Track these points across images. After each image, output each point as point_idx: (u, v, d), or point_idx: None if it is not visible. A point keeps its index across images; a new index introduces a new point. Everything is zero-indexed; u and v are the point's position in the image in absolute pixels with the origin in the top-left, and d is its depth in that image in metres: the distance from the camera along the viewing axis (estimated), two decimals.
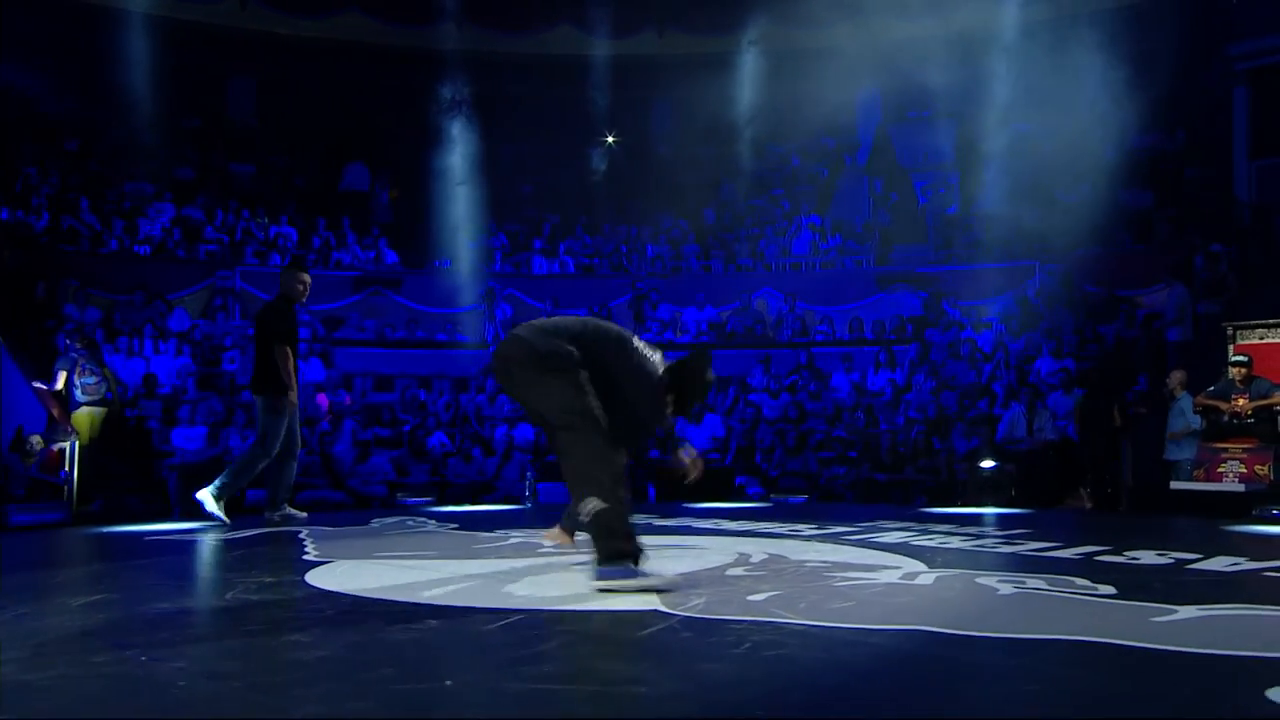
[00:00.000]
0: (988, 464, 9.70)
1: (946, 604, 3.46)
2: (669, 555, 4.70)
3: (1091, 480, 9.96)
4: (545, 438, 10.77)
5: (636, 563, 3.61)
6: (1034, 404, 10.82)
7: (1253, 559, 4.39)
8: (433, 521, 6.57)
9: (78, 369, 10.32)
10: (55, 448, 9.48)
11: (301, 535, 5.70)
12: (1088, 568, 4.20)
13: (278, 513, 7.29)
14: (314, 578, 3.99)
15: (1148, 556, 4.48)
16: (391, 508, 9.73)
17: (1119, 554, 4.55)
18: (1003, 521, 6.62)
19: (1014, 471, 10.44)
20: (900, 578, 3.94)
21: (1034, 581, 3.77)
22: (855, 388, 12.74)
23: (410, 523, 6.55)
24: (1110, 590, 3.59)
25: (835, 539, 5.34)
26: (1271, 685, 2.26)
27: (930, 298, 14.46)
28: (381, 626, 3.11)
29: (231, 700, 2.31)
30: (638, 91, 18.91)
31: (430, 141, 16.73)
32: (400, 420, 11.85)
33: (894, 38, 16.73)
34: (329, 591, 3.70)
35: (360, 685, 2.39)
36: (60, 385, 10.24)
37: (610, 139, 18.88)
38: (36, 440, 9.81)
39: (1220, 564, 4.29)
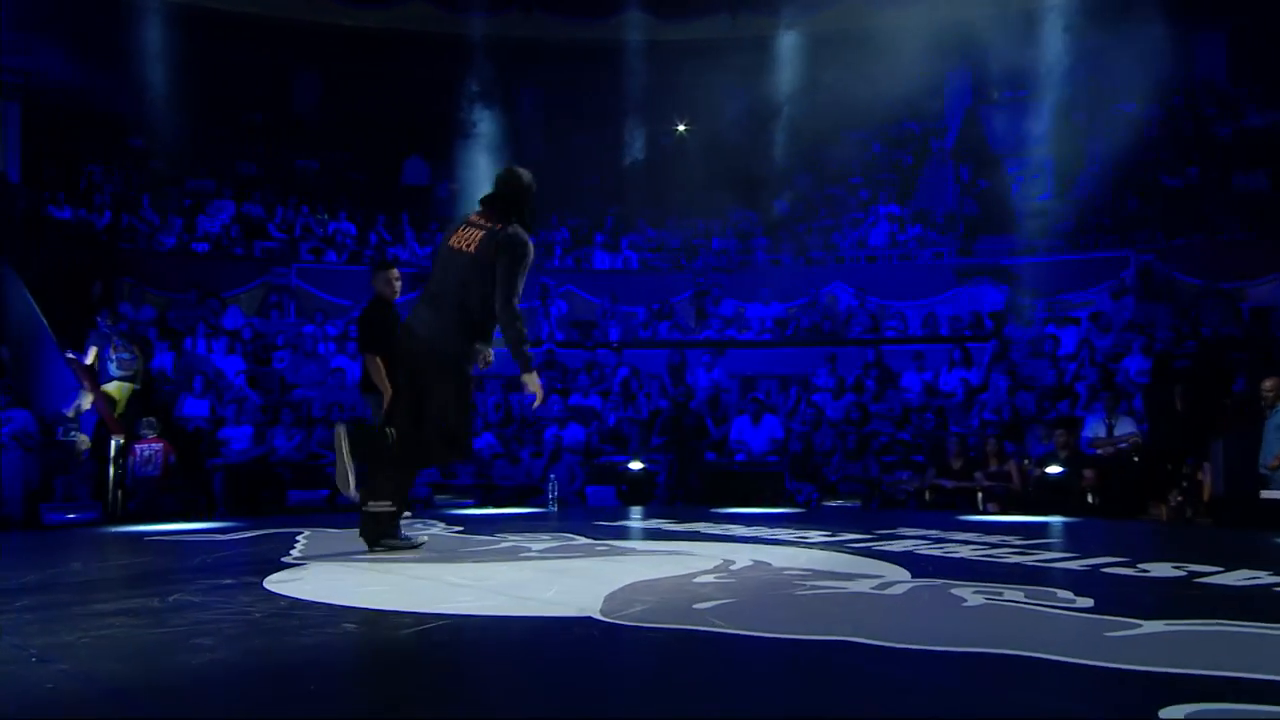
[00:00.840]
0: (1055, 470, 9.41)
1: (893, 614, 3.41)
2: (648, 561, 4.71)
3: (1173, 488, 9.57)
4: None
5: None
6: (1115, 406, 10.46)
7: (1275, 573, 4.19)
8: (440, 524, 6.69)
9: (112, 345, 10.89)
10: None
11: (301, 536, 5.87)
12: (1084, 580, 4.08)
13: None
14: (272, 581, 4.11)
15: (1161, 569, 4.31)
16: (430, 508, 9.95)
17: (1132, 566, 4.39)
18: (1043, 531, 6.43)
19: (1092, 478, 10.11)
20: (873, 587, 3.88)
21: (1012, 594, 3.67)
22: (926, 388, 12.50)
23: (419, 525, 6.68)
24: (1088, 603, 3.48)
25: (839, 546, 5.28)
26: (1170, 704, 2.18)
27: (1014, 291, 14.10)
28: (295, 629, 3.19)
29: (96, 702, 2.41)
30: (710, 77, 18.87)
31: (492, 133, 17.02)
32: None
33: (985, 12, 16.38)
34: (273, 594, 3.80)
35: (223, 690, 2.48)
36: (90, 359, 10.78)
37: (681, 127, 18.91)
38: (84, 440, 10.27)
39: (1235, 578, 4.10)
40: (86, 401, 10.03)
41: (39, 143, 15.66)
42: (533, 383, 5.08)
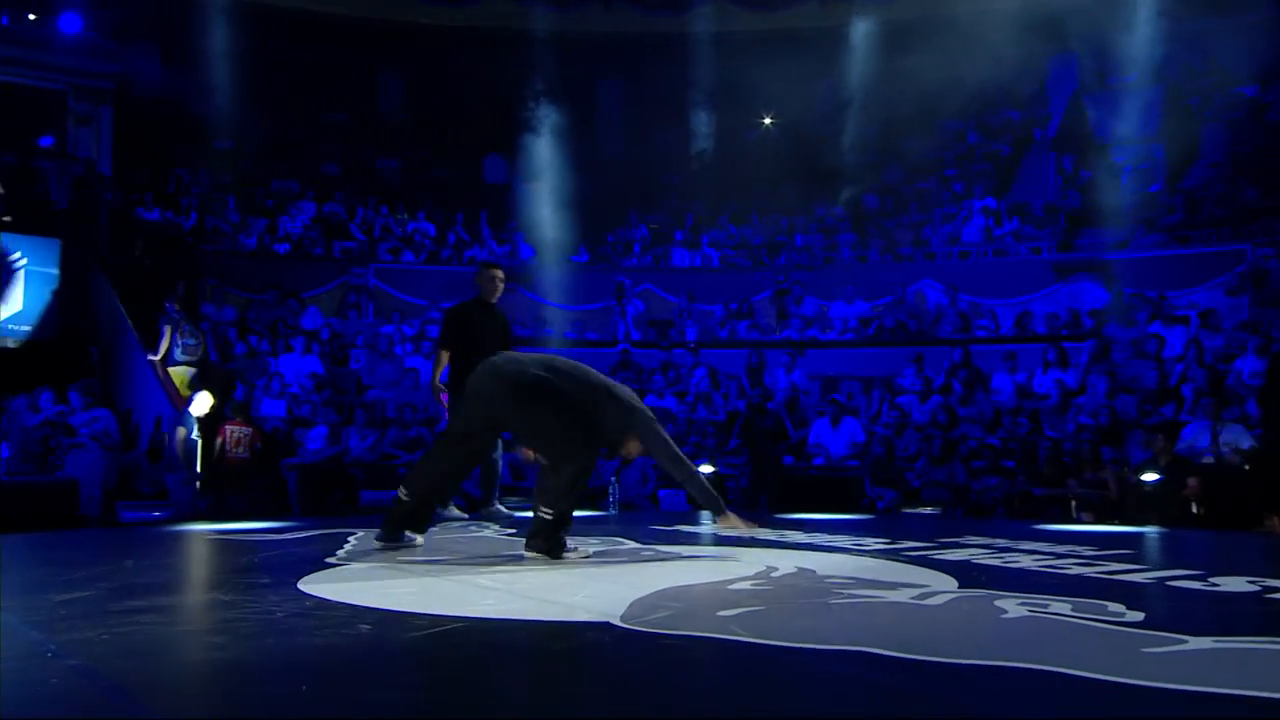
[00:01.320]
0: (1151, 477, 9.07)
1: (923, 625, 3.33)
2: (689, 567, 4.68)
3: None
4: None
5: None
6: (1219, 411, 10.04)
7: None
8: (494, 527, 6.75)
9: (179, 330, 11.37)
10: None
11: (353, 536, 5.99)
12: (1143, 593, 3.93)
13: (445, 511, 7.52)
14: (306, 581, 4.19)
15: (1235, 584, 4.11)
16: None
17: (1203, 580, 4.20)
18: (1124, 542, 6.19)
19: (1196, 487, 9.72)
20: (913, 597, 3.79)
21: (1059, 606, 3.55)
22: (1019, 390, 12.18)
23: (472, 527, 6.76)
24: (1137, 617, 3.34)
25: (893, 554, 5.16)
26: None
27: (1117, 288, 13.63)
28: (311, 630, 3.25)
29: (90, 698, 2.49)
30: (795, 67, 18.68)
31: (571, 129, 17.14)
32: None
33: None
34: (302, 594, 3.86)
35: (217, 688, 2.54)
36: (165, 344, 11.27)
37: (767, 120, 18.78)
38: (183, 432, 10.61)
39: None
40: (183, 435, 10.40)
41: (130, 145, 16.31)
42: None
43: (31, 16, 16.80)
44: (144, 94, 16.33)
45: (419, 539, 5.30)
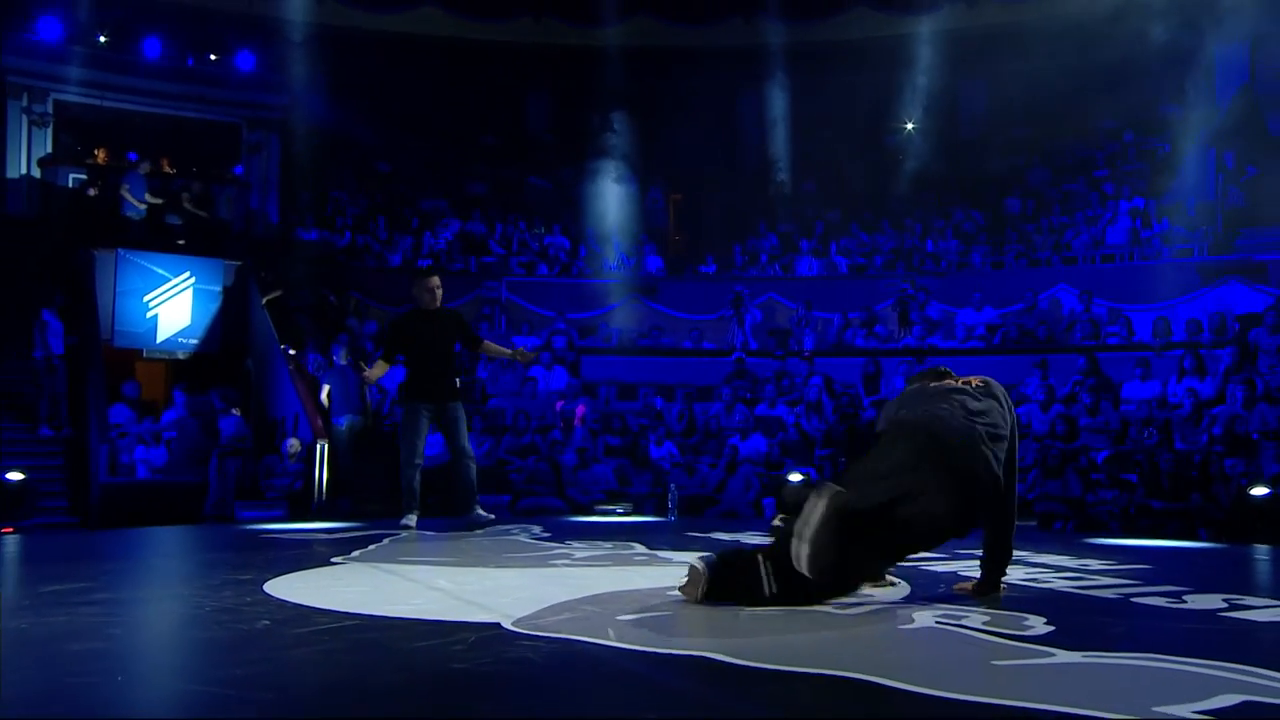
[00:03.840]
0: (1260, 491, 8.35)
1: (795, 633, 3.22)
2: (660, 572, 4.65)
3: None
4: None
5: None
6: None
7: None
8: (528, 531, 6.82)
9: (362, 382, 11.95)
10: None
11: (388, 538, 6.22)
12: (1090, 608, 3.69)
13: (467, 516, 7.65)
14: (284, 579, 4.36)
15: (1209, 601, 3.79)
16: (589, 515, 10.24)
17: (1180, 599, 3.88)
18: (1171, 558, 5.74)
19: None
20: (835, 605, 3.67)
21: (976, 618, 3.38)
22: (1153, 400, 11.42)
23: (514, 530, 6.88)
24: (1044, 631, 3.16)
25: None
26: None
27: (1272, 291, 12.59)
28: (219, 623, 3.39)
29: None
30: (943, 72, 18.14)
31: (711, 144, 17.21)
32: (630, 429, 12.31)
33: None
34: (263, 593, 3.93)
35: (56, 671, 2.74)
36: (324, 398, 11.80)
37: (909, 126, 18.31)
38: (296, 445, 11.29)
39: (1269, 614, 3.56)
40: (296, 447, 11.00)
41: (293, 171, 17.41)
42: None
43: (213, 57, 18.21)
44: (307, 122, 17.42)
45: None
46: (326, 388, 11.77)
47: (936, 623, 3.32)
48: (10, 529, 8.73)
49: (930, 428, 3.70)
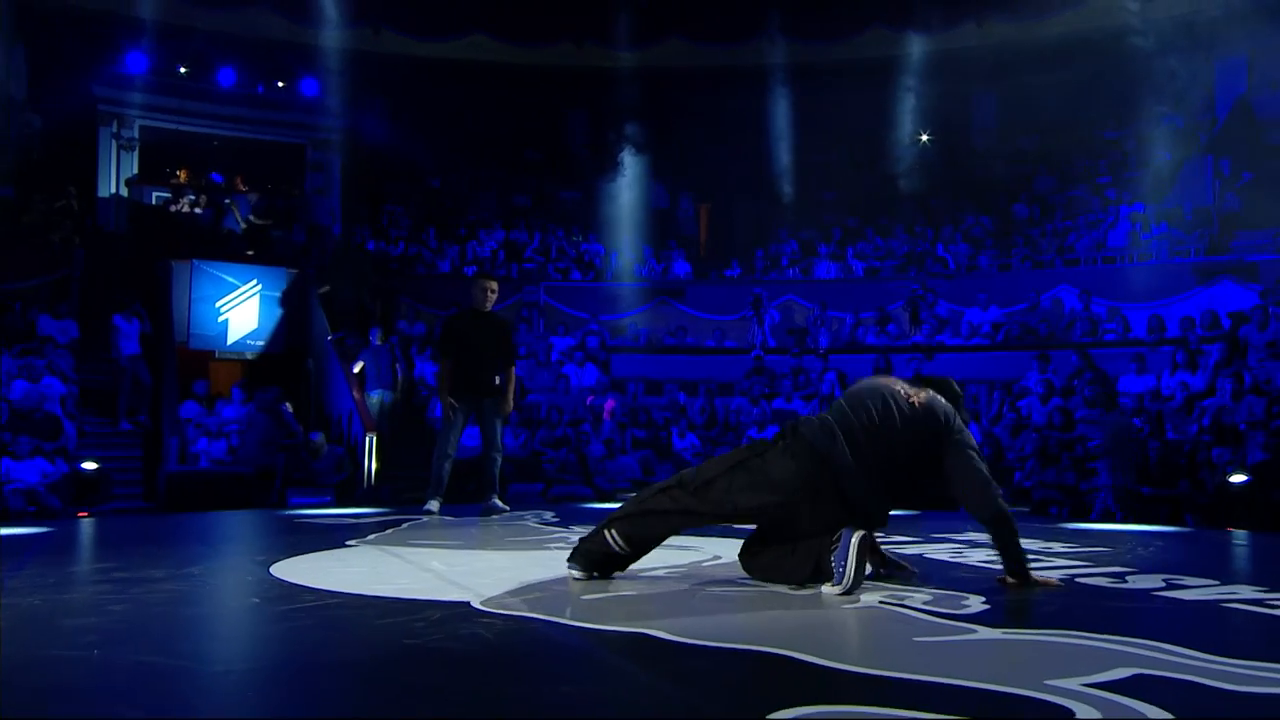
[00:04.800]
0: (1238, 478, 8.11)
1: (749, 614, 3.18)
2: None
3: None
4: None
5: None
6: None
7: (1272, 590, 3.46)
8: (539, 517, 6.80)
9: (393, 357, 12.18)
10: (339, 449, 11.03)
11: (407, 522, 6.24)
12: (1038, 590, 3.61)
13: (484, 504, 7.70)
14: (292, 560, 4.37)
15: (1149, 581, 3.68)
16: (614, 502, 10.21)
17: (1122, 579, 3.78)
18: (1132, 541, 5.58)
19: None
20: (788, 589, 3.62)
21: (918, 597, 3.30)
22: (1146, 393, 11.16)
23: (527, 516, 6.86)
24: (979, 610, 3.09)
25: None
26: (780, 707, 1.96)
27: (1266, 290, 12.24)
28: (212, 599, 3.45)
29: None
30: (956, 87, 17.89)
31: (738, 156, 17.10)
32: (655, 422, 12.28)
33: None
34: (267, 574, 3.95)
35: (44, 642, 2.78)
36: (357, 370, 12.04)
37: (924, 137, 18.08)
38: (321, 442, 11.37)
39: (1211, 593, 3.44)
40: (320, 446, 11.17)
41: (352, 187, 17.61)
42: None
43: (280, 84, 18.46)
44: (364, 143, 17.57)
45: None
46: (360, 363, 12.05)
47: (880, 603, 3.26)
48: (85, 513, 8.92)
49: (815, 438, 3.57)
